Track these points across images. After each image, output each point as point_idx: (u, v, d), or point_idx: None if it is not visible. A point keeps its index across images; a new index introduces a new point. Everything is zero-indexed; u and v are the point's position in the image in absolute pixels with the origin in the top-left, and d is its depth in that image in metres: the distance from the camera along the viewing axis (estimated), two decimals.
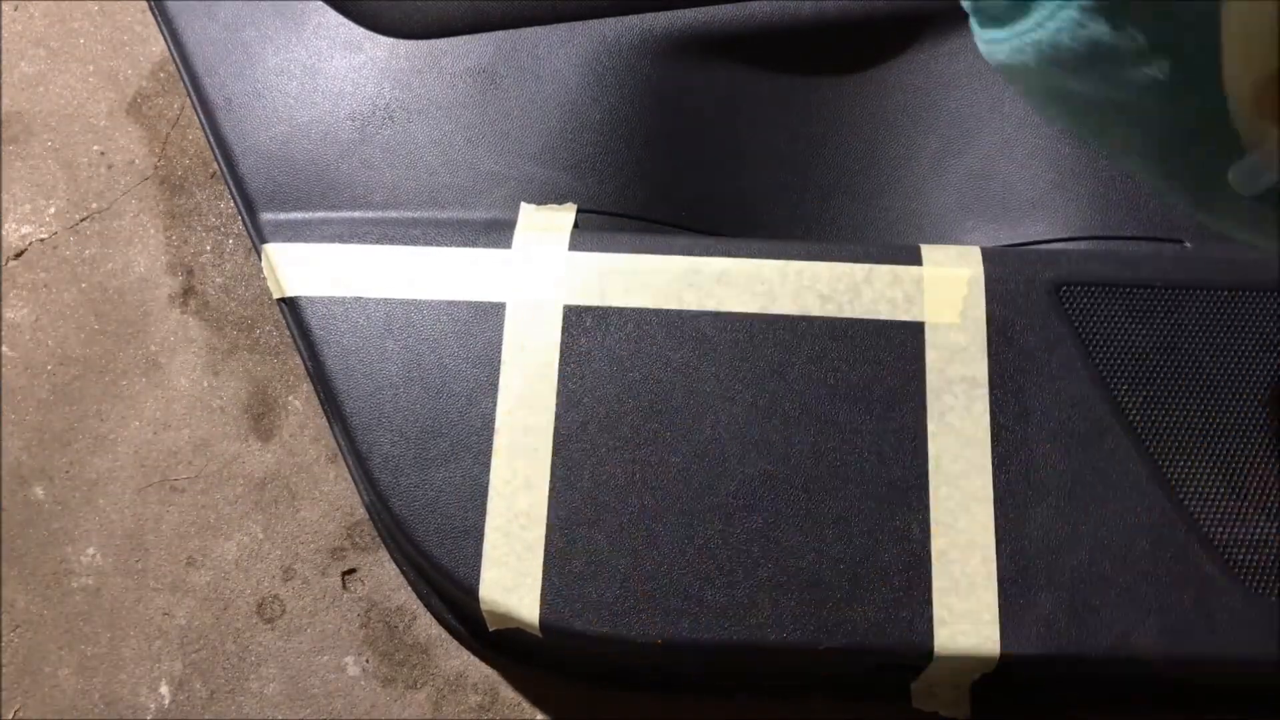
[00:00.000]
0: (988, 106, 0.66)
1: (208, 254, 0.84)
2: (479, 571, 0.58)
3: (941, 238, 0.66)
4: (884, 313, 0.60)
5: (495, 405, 0.60)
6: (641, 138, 0.66)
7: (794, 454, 0.59)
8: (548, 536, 0.58)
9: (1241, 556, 0.57)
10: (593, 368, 0.60)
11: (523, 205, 0.65)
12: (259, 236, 0.65)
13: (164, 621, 0.77)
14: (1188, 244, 0.62)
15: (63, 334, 0.83)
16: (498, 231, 0.64)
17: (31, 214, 0.85)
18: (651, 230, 0.66)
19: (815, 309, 0.61)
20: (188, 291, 0.83)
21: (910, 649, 0.57)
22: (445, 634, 0.75)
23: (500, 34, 0.68)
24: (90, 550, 0.79)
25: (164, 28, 0.69)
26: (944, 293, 0.61)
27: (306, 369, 0.64)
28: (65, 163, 0.86)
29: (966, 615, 0.56)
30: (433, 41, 0.68)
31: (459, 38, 0.68)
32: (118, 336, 0.83)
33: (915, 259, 0.61)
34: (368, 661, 0.76)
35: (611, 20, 0.67)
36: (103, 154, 0.87)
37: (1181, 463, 0.59)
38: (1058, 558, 0.58)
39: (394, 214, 0.65)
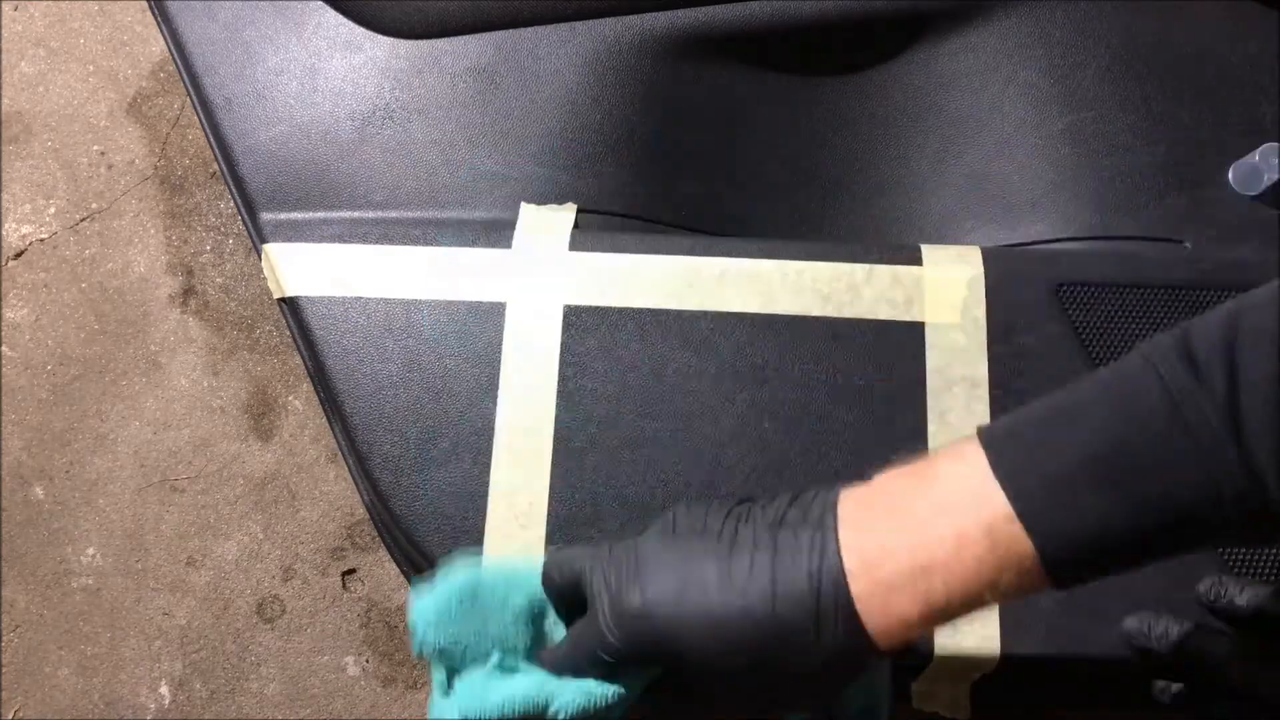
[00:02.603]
0: (988, 106, 0.66)
1: (208, 254, 0.84)
2: None
3: (941, 238, 0.66)
4: (884, 313, 0.60)
5: (495, 405, 0.60)
6: (641, 138, 0.66)
7: (794, 454, 0.59)
8: (548, 536, 0.58)
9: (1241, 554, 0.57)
10: (593, 368, 0.60)
11: (523, 205, 0.65)
12: (259, 236, 0.65)
13: (164, 621, 0.77)
14: (1188, 244, 0.62)
15: (63, 334, 0.83)
16: (498, 231, 0.64)
17: (31, 214, 0.85)
18: (651, 230, 0.66)
19: (815, 309, 0.61)
20: (188, 291, 0.83)
21: (910, 649, 0.56)
22: None
23: (500, 34, 0.68)
24: (90, 550, 0.79)
25: (164, 28, 0.69)
26: (944, 293, 0.60)
27: (306, 369, 0.64)
28: (65, 163, 0.86)
29: None
30: (433, 41, 0.68)
31: (459, 38, 0.68)
32: (118, 336, 0.83)
33: (915, 259, 0.61)
34: (368, 661, 0.76)
35: (611, 20, 0.67)
36: (103, 154, 0.87)
37: None
38: None
39: (394, 214, 0.65)
